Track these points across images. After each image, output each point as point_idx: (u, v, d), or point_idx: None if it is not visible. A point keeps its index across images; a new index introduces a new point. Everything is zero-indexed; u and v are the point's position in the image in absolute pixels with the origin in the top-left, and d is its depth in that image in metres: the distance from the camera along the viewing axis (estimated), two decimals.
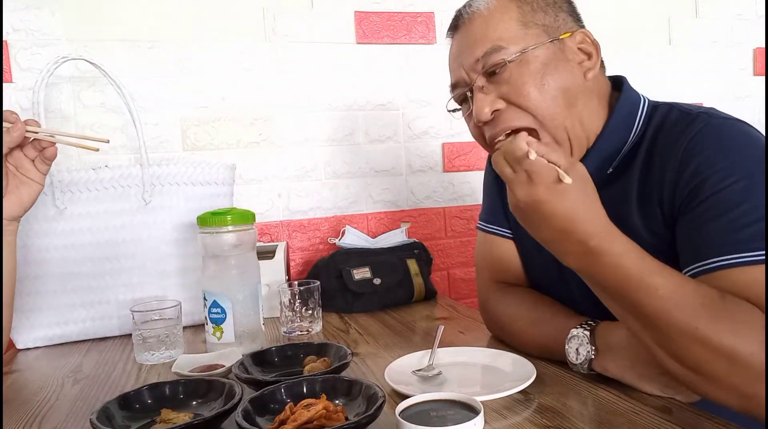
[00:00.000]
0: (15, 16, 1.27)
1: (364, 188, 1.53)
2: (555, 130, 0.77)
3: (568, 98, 0.77)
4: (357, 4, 1.49)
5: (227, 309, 0.96)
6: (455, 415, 0.57)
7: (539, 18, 0.79)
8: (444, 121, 1.58)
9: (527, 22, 0.78)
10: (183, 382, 0.74)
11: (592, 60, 0.80)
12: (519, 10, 0.79)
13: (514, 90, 0.77)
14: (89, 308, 1.13)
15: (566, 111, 0.77)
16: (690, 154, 0.70)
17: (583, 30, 0.81)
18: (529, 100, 0.76)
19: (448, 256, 1.60)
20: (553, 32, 0.79)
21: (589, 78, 0.79)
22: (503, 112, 0.78)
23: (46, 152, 0.87)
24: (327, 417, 0.61)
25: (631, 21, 1.75)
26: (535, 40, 0.77)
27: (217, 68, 1.40)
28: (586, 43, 0.81)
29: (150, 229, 1.16)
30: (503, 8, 0.79)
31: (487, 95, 0.78)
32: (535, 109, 0.76)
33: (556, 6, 0.81)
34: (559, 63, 0.77)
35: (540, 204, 0.63)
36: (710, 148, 0.69)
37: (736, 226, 0.65)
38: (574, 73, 0.78)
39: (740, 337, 0.59)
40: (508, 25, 0.78)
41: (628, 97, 0.81)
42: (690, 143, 0.71)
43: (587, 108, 0.79)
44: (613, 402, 0.69)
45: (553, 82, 0.76)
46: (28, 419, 0.76)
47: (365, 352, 0.96)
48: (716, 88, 1.83)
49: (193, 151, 1.40)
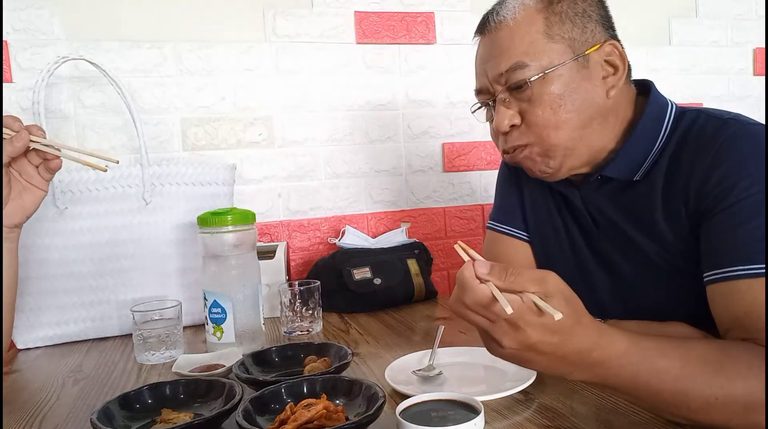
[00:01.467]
0: (15, 16, 1.27)
1: (364, 188, 1.53)
2: (550, 148, 0.78)
3: (581, 121, 0.77)
4: (357, 4, 1.49)
5: (227, 309, 0.96)
6: (456, 415, 0.57)
7: (566, 30, 0.77)
8: (444, 121, 1.58)
9: (553, 35, 0.76)
10: (183, 382, 0.74)
11: (617, 74, 0.78)
12: (546, 21, 0.77)
13: (530, 109, 0.77)
14: (89, 308, 1.13)
15: (575, 131, 0.77)
16: (720, 158, 0.69)
17: (612, 41, 0.78)
18: (539, 119, 0.77)
19: (448, 256, 1.60)
20: (579, 47, 0.77)
21: (612, 96, 0.78)
22: (518, 128, 0.79)
23: (50, 163, 0.84)
24: (327, 417, 0.61)
25: (631, 21, 1.74)
26: (558, 56, 0.76)
27: (217, 68, 1.40)
28: (614, 56, 0.78)
29: (150, 229, 1.16)
30: (530, 20, 0.77)
31: (509, 109, 0.79)
32: (541, 129, 0.77)
33: (585, 15, 0.78)
34: (582, 83, 0.76)
35: (534, 346, 0.57)
36: (738, 154, 0.69)
37: (759, 235, 0.65)
38: (595, 92, 0.77)
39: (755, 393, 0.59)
40: (534, 38, 0.76)
41: (655, 103, 0.80)
42: (721, 147, 0.70)
43: (602, 127, 0.78)
44: (614, 402, 0.69)
45: (571, 104, 0.76)
46: (28, 419, 0.76)
47: (365, 352, 0.96)
48: (716, 88, 1.83)
49: (193, 151, 1.39)
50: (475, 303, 0.56)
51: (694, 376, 0.60)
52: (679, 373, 0.60)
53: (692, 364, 0.61)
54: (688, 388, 0.60)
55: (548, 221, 0.93)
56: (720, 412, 0.60)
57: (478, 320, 0.58)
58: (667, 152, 0.76)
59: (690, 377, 0.60)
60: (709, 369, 0.61)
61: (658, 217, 0.75)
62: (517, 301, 0.55)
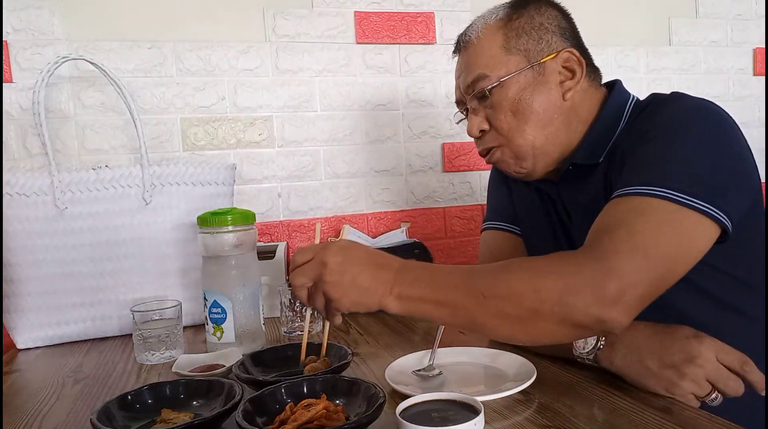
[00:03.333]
0: (15, 16, 1.27)
1: (364, 188, 1.53)
2: (518, 148, 0.86)
3: (541, 120, 0.84)
4: (357, 4, 1.49)
5: (227, 309, 0.96)
6: (456, 415, 0.57)
7: (522, 43, 0.85)
8: (444, 121, 1.58)
9: (510, 48, 0.85)
10: (183, 382, 0.74)
11: (574, 78, 0.85)
12: (504, 37, 0.85)
13: (493, 114, 0.86)
14: (89, 308, 1.13)
15: (537, 131, 0.84)
16: (639, 120, 0.79)
17: (569, 49, 0.85)
18: (502, 124, 0.86)
19: (448, 256, 1.60)
20: (535, 56, 0.84)
21: (568, 98, 0.85)
22: (487, 133, 0.89)
23: None
24: (327, 417, 0.61)
25: (631, 21, 1.75)
26: (515, 66, 0.84)
27: (217, 68, 1.40)
28: (571, 62, 0.85)
29: (150, 229, 1.16)
30: (490, 36, 0.86)
31: (477, 116, 0.88)
32: (506, 132, 0.86)
33: (542, 28, 0.85)
34: (537, 87, 0.84)
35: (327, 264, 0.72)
36: (655, 113, 0.77)
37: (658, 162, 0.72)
38: (551, 95, 0.84)
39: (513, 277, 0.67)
40: (494, 52, 0.85)
41: (617, 95, 0.87)
42: (648, 108, 0.80)
43: (564, 125, 0.85)
44: (614, 402, 0.69)
45: (528, 106, 0.84)
46: (28, 419, 0.76)
47: (365, 352, 0.96)
48: (716, 88, 1.83)
49: (193, 151, 1.39)
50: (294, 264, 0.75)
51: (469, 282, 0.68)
52: (457, 281, 0.68)
53: (472, 273, 0.69)
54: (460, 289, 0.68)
55: (535, 218, 0.98)
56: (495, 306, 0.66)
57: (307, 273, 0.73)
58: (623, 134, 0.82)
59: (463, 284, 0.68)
60: (485, 274, 0.68)
61: (607, 195, 0.78)
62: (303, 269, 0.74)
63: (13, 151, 1.28)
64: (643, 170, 0.71)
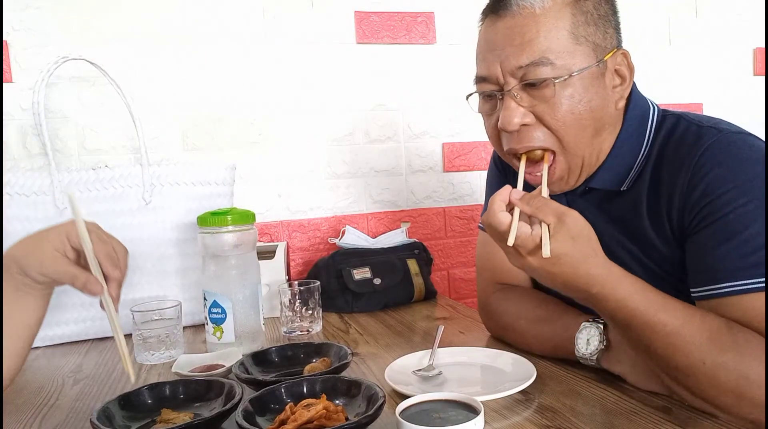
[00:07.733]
0: (15, 16, 1.27)
1: (364, 188, 1.53)
2: (573, 157, 0.75)
3: (596, 128, 0.74)
4: (357, 4, 1.49)
5: (227, 309, 0.96)
6: (455, 415, 0.57)
7: (591, 33, 0.72)
8: (444, 121, 1.58)
9: (578, 36, 0.72)
10: (183, 382, 0.74)
11: (624, 85, 0.76)
12: (573, 19, 0.71)
13: (550, 110, 0.72)
14: (89, 308, 1.13)
15: (590, 140, 0.74)
16: (699, 173, 0.68)
17: (623, 51, 0.76)
18: (562, 124, 0.72)
19: (448, 256, 1.60)
20: (600, 52, 0.73)
21: (619, 108, 0.76)
22: (530, 128, 0.73)
23: None
24: (327, 417, 0.61)
25: (631, 21, 1.74)
26: (583, 60, 0.71)
27: (217, 68, 1.40)
28: (623, 65, 0.76)
29: (150, 229, 1.15)
30: (558, 13, 0.71)
31: (519, 106, 0.72)
32: (564, 134, 0.73)
33: (605, 19, 0.74)
34: (599, 90, 0.73)
35: (534, 271, 0.66)
36: (720, 166, 0.68)
37: (746, 250, 0.65)
38: (607, 101, 0.74)
39: (746, 370, 0.60)
40: (560, 35, 0.71)
41: (637, 108, 0.78)
42: (699, 160, 0.69)
43: (608, 135, 0.77)
44: (614, 402, 0.69)
45: (590, 111, 0.72)
46: (28, 419, 0.76)
47: (365, 352, 0.96)
48: (716, 87, 1.83)
49: (193, 151, 1.39)
50: (492, 228, 0.65)
51: (688, 335, 0.62)
52: (674, 330, 0.63)
53: (690, 325, 0.63)
54: (678, 345, 0.63)
55: None
56: (707, 379, 0.61)
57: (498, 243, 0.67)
58: (651, 161, 0.76)
59: (683, 336, 0.62)
60: (705, 334, 0.63)
61: (646, 225, 0.75)
62: (525, 232, 0.63)
63: (13, 151, 1.28)
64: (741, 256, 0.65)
